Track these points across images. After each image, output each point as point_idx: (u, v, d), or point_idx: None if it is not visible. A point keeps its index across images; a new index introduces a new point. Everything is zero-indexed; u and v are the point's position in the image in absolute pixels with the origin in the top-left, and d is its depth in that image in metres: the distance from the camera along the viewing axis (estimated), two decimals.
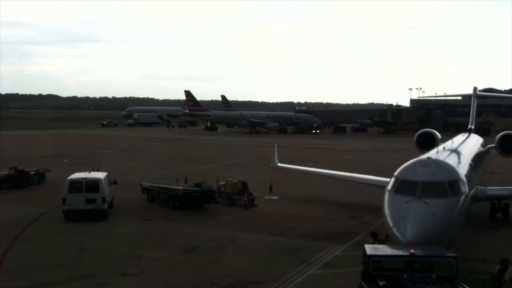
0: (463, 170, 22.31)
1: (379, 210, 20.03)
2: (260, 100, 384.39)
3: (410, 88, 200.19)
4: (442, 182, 18.64)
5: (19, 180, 38.26)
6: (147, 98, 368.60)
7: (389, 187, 19.58)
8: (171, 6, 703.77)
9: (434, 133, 39.36)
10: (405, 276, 14.27)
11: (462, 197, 19.28)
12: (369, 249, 15.22)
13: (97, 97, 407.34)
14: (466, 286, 14.65)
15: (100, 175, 30.17)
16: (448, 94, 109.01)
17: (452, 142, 33.69)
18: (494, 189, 29.65)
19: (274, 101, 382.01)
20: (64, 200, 28.11)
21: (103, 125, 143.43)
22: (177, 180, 36.82)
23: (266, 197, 35.82)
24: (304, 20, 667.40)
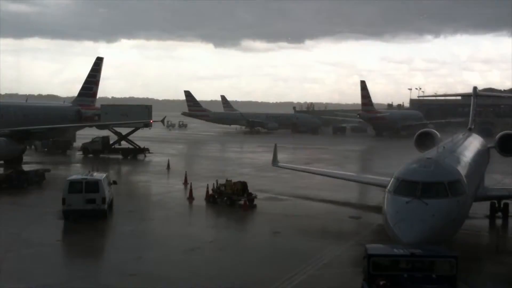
0: (463, 170, 22.30)
1: (379, 210, 20.03)
2: (260, 100, 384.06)
3: (410, 88, 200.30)
4: (442, 182, 18.65)
5: (19, 181, 38.19)
6: (147, 98, 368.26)
7: (389, 187, 19.59)
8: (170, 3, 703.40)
9: (434, 133, 39.35)
10: (405, 275, 14.29)
11: (462, 197, 19.29)
12: (370, 248, 15.24)
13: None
14: (466, 286, 14.66)
15: (100, 175, 30.15)
16: (448, 94, 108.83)
17: (452, 142, 33.67)
18: (494, 189, 29.62)
19: (274, 101, 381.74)
20: (63, 200, 28.08)
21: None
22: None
23: (266, 196, 35.78)
24: (304, 19, 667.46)
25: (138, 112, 62.01)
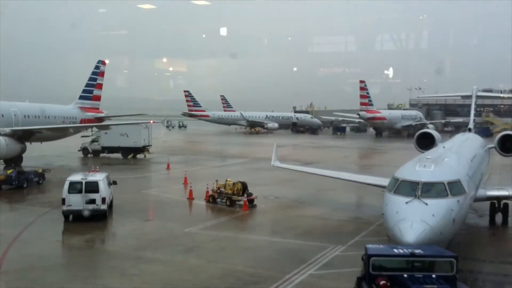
0: (462, 170, 22.32)
1: (378, 210, 20.05)
2: (259, 100, 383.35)
3: (410, 88, 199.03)
4: (442, 182, 18.68)
5: (19, 181, 38.21)
6: (147, 98, 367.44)
7: (389, 187, 19.60)
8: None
9: (434, 133, 39.43)
10: (405, 275, 14.28)
11: (462, 197, 19.30)
12: (370, 248, 15.23)
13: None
14: (466, 286, 14.66)
15: (100, 175, 30.14)
16: (447, 94, 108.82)
17: (452, 142, 33.73)
18: (494, 189, 29.62)
19: (274, 102, 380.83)
20: (63, 200, 28.09)
21: None
22: None
23: (265, 196, 35.81)
24: (303, 19, 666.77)
25: (137, 131, 62.08)
